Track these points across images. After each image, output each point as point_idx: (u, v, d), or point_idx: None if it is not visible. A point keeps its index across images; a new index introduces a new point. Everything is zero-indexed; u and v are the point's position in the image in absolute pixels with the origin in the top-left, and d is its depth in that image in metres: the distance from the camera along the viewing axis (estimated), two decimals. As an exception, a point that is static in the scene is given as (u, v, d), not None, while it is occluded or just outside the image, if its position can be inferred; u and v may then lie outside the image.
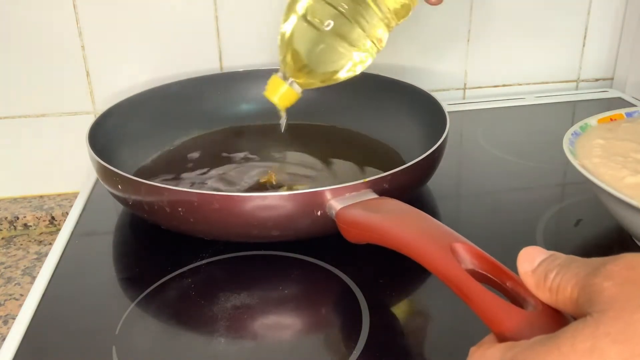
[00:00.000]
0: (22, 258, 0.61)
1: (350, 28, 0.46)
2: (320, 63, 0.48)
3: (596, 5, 0.77)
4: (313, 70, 0.48)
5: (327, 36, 0.47)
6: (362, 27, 0.47)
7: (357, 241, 0.41)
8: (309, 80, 0.49)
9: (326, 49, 0.47)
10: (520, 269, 0.28)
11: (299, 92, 0.50)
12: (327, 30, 0.46)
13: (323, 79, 0.49)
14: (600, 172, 0.44)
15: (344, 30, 0.46)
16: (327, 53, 0.47)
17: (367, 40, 0.47)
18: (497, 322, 0.27)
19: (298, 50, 0.48)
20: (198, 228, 0.45)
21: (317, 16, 0.46)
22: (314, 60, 0.48)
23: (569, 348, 0.23)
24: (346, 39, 0.47)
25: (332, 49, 0.47)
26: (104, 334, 0.40)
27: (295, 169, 0.58)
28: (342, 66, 0.48)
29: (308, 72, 0.48)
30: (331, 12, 0.46)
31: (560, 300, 0.26)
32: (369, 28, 0.47)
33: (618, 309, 0.23)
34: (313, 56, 0.48)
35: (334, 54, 0.47)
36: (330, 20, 0.46)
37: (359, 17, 0.46)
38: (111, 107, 0.59)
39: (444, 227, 0.36)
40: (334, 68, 0.48)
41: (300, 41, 0.47)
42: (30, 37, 0.65)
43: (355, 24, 0.46)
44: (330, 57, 0.48)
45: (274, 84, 0.50)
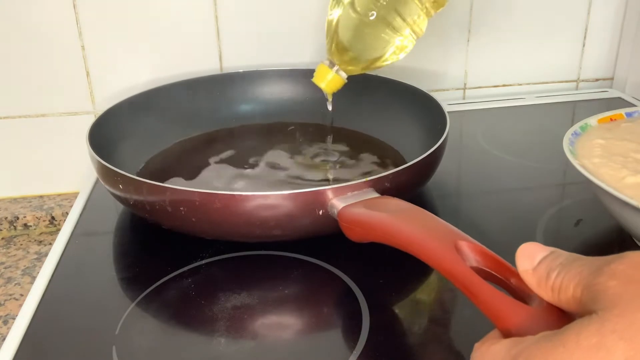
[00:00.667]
0: (22, 258, 0.61)
1: (392, 17, 0.50)
2: (364, 50, 0.51)
3: (596, 5, 0.77)
4: (357, 57, 0.52)
5: (370, 25, 0.50)
6: (402, 16, 0.50)
7: (359, 240, 0.41)
8: (353, 67, 0.53)
9: (369, 37, 0.51)
10: (520, 266, 0.28)
11: (345, 78, 0.54)
12: (371, 19, 0.50)
13: (365, 65, 0.53)
14: (600, 172, 0.44)
15: (386, 19, 0.50)
16: (370, 41, 0.51)
17: (407, 29, 0.50)
18: (502, 318, 0.28)
19: (343, 38, 0.51)
20: (200, 227, 0.45)
21: (361, 6, 0.50)
22: (357, 48, 0.51)
23: (574, 344, 0.23)
24: (388, 28, 0.50)
25: (375, 37, 0.51)
26: (104, 334, 0.40)
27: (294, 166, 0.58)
28: (384, 53, 0.52)
29: (352, 58, 0.52)
30: (374, 2, 0.49)
31: (563, 300, 0.26)
32: (409, 17, 0.50)
33: (623, 307, 0.23)
34: (357, 44, 0.51)
35: (377, 42, 0.51)
36: (373, 11, 0.49)
37: (400, 6, 0.50)
38: (111, 107, 0.59)
39: (447, 225, 0.36)
40: (376, 55, 0.52)
41: (345, 29, 0.51)
42: (30, 37, 0.65)
43: (396, 13, 0.50)
44: (373, 45, 0.51)
45: (321, 71, 0.54)
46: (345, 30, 0.51)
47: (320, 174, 0.57)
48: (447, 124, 0.53)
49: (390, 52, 0.51)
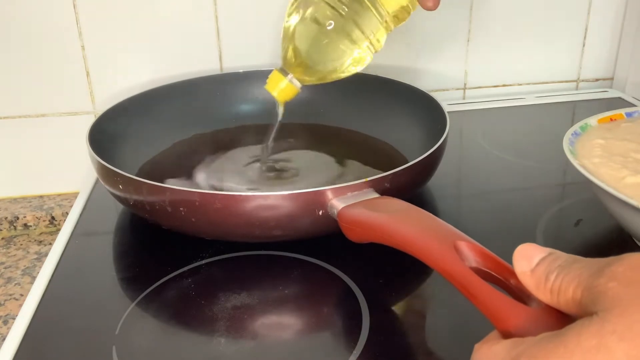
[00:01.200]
0: (22, 258, 0.61)
1: (350, 29, 0.48)
2: (319, 61, 0.50)
3: (596, 5, 0.77)
4: (312, 67, 0.50)
5: (328, 35, 0.48)
6: (361, 29, 0.48)
7: (359, 240, 0.41)
8: (307, 77, 0.51)
9: (326, 47, 0.49)
10: (517, 267, 0.28)
11: (298, 88, 0.52)
12: (328, 29, 0.48)
13: (321, 76, 0.51)
14: (600, 172, 0.44)
15: (343, 31, 0.48)
16: (327, 52, 0.49)
17: (366, 42, 0.49)
18: (502, 319, 0.27)
19: (299, 46, 0.49)
20: (199, 228, 0.45)
21: (319, 15, 0.48)
22: (313, 58, 0.49)
23: (574, 345, 0.23)
24: (345, 40, 0.48)
25: (332, 48, 0.49)
26: (104, 334, 0.40)
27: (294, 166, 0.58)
28: (340, 65, 0.50)
29: (307, 68, 0.50)
30: (333, 12, 0.48)
31: (562, 302, 0.26)
32: (367, 30, 0.49)
33: (624, 307, 0.23)
34: (313, 54, 0.49)
35: (333, 53, 0.49)
36: (331, 21, 0.48)
37: (359, 19, 0.48)
38: (111, 107, 0.59)
39: (447, 225, 0.36)
40: (332, 67, 0.50)
41: (301, 38, 0.49)
42: (30, 37, 0.65)
43: (354, 25, 0.48)
44: (329, 56, 0.49)
45: (274, 79, 0.52)
46: (302, 39, 0.49)
47: (320, 174, 0.57)
48: (447, 124, 0.53)
49: (347, 65, 0.50)
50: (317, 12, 0.48)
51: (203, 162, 0.60)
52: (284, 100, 0.53)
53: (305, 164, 0.59)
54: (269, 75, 0.52)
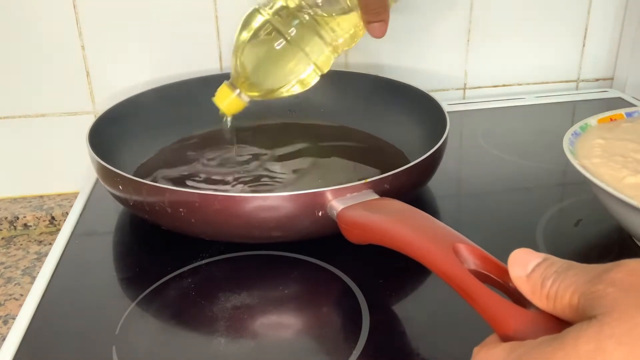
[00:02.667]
0: (22, 258, 0.61)
1: (295, 52, 0.49)
2: (264, 79, 0.51)
3: (596, 5, 0.77)
4: (257, 84, 0.51)
5: (274, 55, 0.50)
6: (306, 52, 0.50)
7: (358, 242, 0.41)
8: (252, 92, 0.52)
9: (271, 67, 0.51)
10: (513, 273, 0.28)
11: (245, 102, 0.53)
12: (276, 50, 0.49)
13: (265, 93, 0.52)
14: (600, 172, 0.44)
15: (289, 52, 0.49)
16: (272, 71, 0.51)
17: (311, 65, 0.50)
18: (501, 323, 0.27)
19: (246, 63, 0.51)
20: (199, 229, 0.45)
21: (266, 36, 0.49)
22: (259, 75, 0.51)
23: (573, 348, 0.23)
24: (290, 61, 0.50)
25: (277, 69, 0.51)
26: (104, 334, 0.40)
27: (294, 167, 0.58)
28: (284, 85, 0.51)
29: (253, 85, 0.51)
30: (280, 35, 0.49)
31: (559, 307, 0.26)
32: (314, 54, 0.50)
33: (622, 312, 0.23)
34: (259, 71, 0.51)
35: (278, 73, 0.51)
36: (278, 41, 0.49)
37: (305, 44, 0.50)
38: (111, 107, 0.59)
39: (446, 227, 0.36)
40: (276, 85, 0.51)
41: (250, 56, 0.50)
42: (30, 37, 0.65)
43: (301, 49, 0.49)
44: (274, 76, 0.51)
45: (222, 92, 0.53)
46: (250, 57, 0.50)
47: (320, 174, 0.57)
48: (447, 124, 0.53)
49: (291, 85, 0.51)
50: (266, 33, 0.49)
51: (203, 161, 0.60)
52: (231, 113, 0.54)
53: (304, 164, 0.59)
54: (218, 88, 0.53)
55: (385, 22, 0.50)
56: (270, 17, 0.49)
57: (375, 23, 0.50)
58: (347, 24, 0.50)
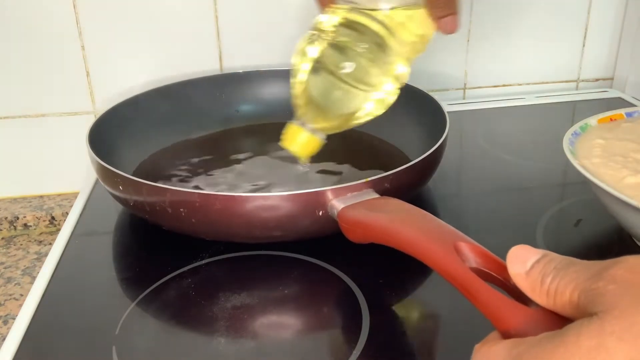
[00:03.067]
0: (22, 258, 0.61)
1: (367, 70, 0.43)
2: (339, 108, 0.45)
3: (596, 5, 0.77)
4: (331, 115, 0.45)
5: (344, 80, 0.44)
6: (379, 67, 0.44)
7: (359, 241, 0.41)
8: (327, 125, 0.46)
9: (344, 93, 0.44)
10: (511, 270, 0.28)
11: (322, 139, 0.46)
12: (344, 73, 0.43)
13: (341, 123, 0.46)
14: (600, 172, 0.44)
15: (361, 72, 0.43)
16: (345, 97, 0.44)
17: (387, 79, 0.44)
18: (503, 320, 0.27)
19: (314, 96, 0.45)
20: (200, 228, 0.45)
21: (331, 60, 0.43)
22: (331, 106, 0.44)
23: (574, 345, 0.23)
24: (364, 81, 0.44)
25: (350, 93, 0.44)
26: (104, 334, 0.40)
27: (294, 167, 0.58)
28: (362, 109, 0.45)
29: (326, 117, 0.45)
30: (346, 55, 0.43)
31: (559, 304, 0.26)
32: (387, 67, 0.44)
33: (623, 309, 0.23)
34: (330, 101, 0.44)
35: (353, 98, 0.44)
36: (346, 64, 0.43)
37: (376, 57, 0.44)
38: (111, 108, 0.59)
39: (447, 226, 0.36)
40: (352, 111, 0.45)
41: (316, 87, 0.44)
42: (30, 37, 0.65)
43: (373, 64, 0.43)
44: (349, 101, 0.44)
45: (291, 133, 0.46)
46: (316, 88, 0.44)
47: (319, 173, 0.57)
48: (447, 124, 0.53)
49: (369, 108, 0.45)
50: (329, 57, 0.43)
51: (203, 162, 0.60)
52: (306, 155, 0.47)
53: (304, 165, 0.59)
54: (284, 130, 0.47)
55: (455, 14, 0.44)
56: (331, 37, 0.44)
57: (446, 17, 0.44)
58: (414, 24, 0.44)
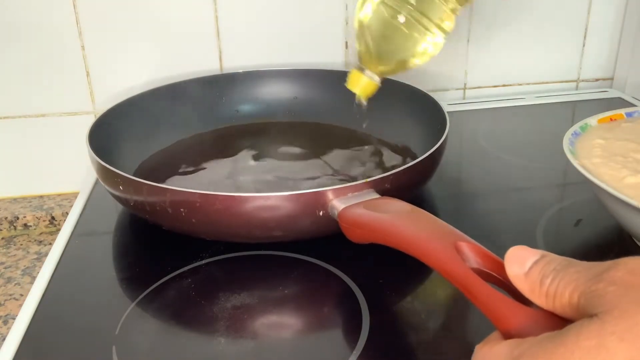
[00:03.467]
0: (22, 258, 0.61)
1: (419, 17, 0.49)
2: (393, 51, 0.51)
3: (596, 5, 0.77)
4: (387, 59, 0.51)
5: (397, 28, 0.49)
6: (429, 16, 0.49)
7: (360, 241, 0.41)
8: (384, 68, 0.52)
9: (397, 40, 0.50)
10: (510, 271, 0.28)
11: (378, 82, 0.53)
12: (397, 23, 0.49)
13: (396, 66, 0.52)
14: (600, 172, 0.44)
15: (413, 19, 0.49)
16: (400, 41, 0.50)
17: (435, 28, 0.50)
18: (504, 320, 0.28)
19: (371, 41, 0.51)
20: (200, 229, 0.45)
21: (388, 7, 0.49)
22: (387, 49, 0.51)
23: (574, 345, 0.23)
24: (416, 28, 0.49)
25: (404, 38, 0.50)
26: (104, 334, 0.40)
27: (294, 167, 0.58)
28: (415, 53, 0.51)
29: (383, 60, 0.51)
30: (400, 6, 0.49)
31: (558, 305, 0.26)
32: (436, 16, 0.50)
33: (623, 309, 0.23)
34: (387, 46, 0.51)
35: (406, 42, 0.50)
36: (401, 11, 0.49)
37: (426, 8, 0.49)
38: (111, 108, 0.59)
39: (447, 226, 0.36)
40: (407, 55, 0.51)
41: (373, 33, 0.50)
42: (30, 37, 0.65)
43: (422, 15, 0.49)
44: (403, 45, 0.50)
45: (354, 77, 0.53)
46: (375, 34, 0.50)
47: (320, 173, 0.57)
48: (447, 124, 0.53)
49: (421, 51, 0.51)
50: (386, 5, 0.49)
51: (203, 162, 0.60)
52: (366, 96, 0.54)
53: (304, 164, 0.59)
54: (348, 75, 0.53)
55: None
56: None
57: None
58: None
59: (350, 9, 0.71)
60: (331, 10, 0.71)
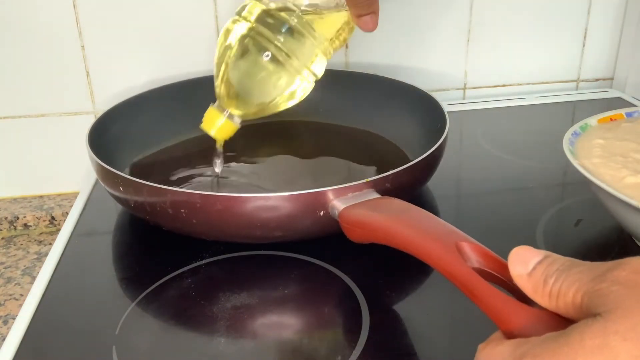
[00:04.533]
0: (22, 258, 0.61)
1: (285, 59, 0.46)
2: (256, 94, 0.47)
3: (596, 5, 0.77)
4: (249, 101, 0.48)
5: (263, 67, 0.46)
6: (297, 57, 0.46)
7: (360, 241, 0.41)
8: (245, 111, 0.48)
9: (262, 79, 0.47)
10: (513, 271, 0.28)
11: (238, 125, 0.49)
12: (263, 61, 0.46)
13: (259, 109, 0.48)
14: (600, 172, 0.44)
15: (279, 61, 0.46)
16: (263, 84, 0.47)
17: (305, 70, 0.47)
18: (506, 320, 0.28)
19: (233, 81, 0.47)
20: (201, 229, 0.45)
21: (252, 48, 0.46)
22: (249, 91, 0.47)
23: (578, 345, 0.23)
24: (282, 70, 0.46)
25: (268, 80, 0.47)
26: (104, 334, 0.40)
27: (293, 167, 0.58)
28: (278, 96, 0.47)
29: (244, 102, 0.48)
30: (266, 44, 0.46)
31: (561, 306, 0.26)
32: (305, 58, 0.46)
33: (627, 309, 0.23)
34: (248, 87, 0.47)
35: (270, 85, 0.47)
36: (266, 52, 0.45)
37: (295, 48, 0.46)
38: (111, 108, 0.59)
39: (448, 226, 0.36)
40: (269, 98, 0.48)
41: (235, 72, 0.47)
42: (30, 37, 0.65)
43: (291, 55, 0.46)
44: (266, 88, 0.47)
45: (210, 117, 0.49)
46: (237, 72, 0.47)
47: (319, 173, 0.57)
48: (447, 124, 0.53)
49: (286, 95, 0.47)
50: (250, 43, 0.46)
51: (203, 162, 0.60)
52: (223, 138, 0.50)
53: (304, 164, 0.59)
54: (205, 114, 0.49)
55: (375, 13, 0.46)
56: (253, 26, 0.46)
57: (366, 16, 0.46)
58: (335, 20, 0.47)
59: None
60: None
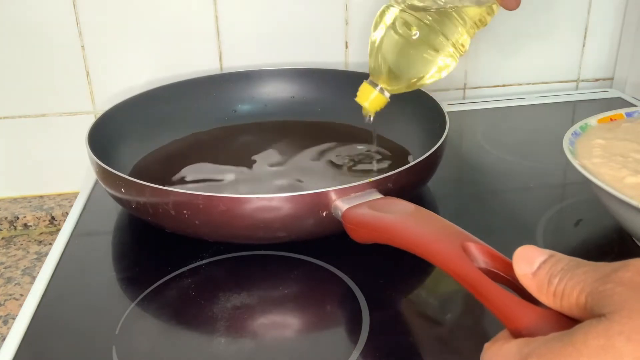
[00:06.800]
0: (22, 258, 0.61)
1: (434, 37, 0.49)
2: (407, 70, 0.50)
3: (596, 5, 0.77)
4: (400, 77, 0.51)
5: (413, 45, 0.49)
6: (445, 35, 0.49)
7: (364, 241, 0.41)
8: (396, 86, 0.52)
9: (412, 56, 0.50)
10: (518, 270, 0.28)
11: (388, 98, 0.53)
12: (414, 39, 0.49)
13: (409, 84, 0.51)
14: (601, 172, 0.44)
15: (429, 39, 0.49)
16: (414, 61, 0.50)
17: (451, 47, 0.50)
18: (513, 319, 0.28)
19: (386, 58, 0.50)
20: (203, 230, 0.45)
21: (404, 26, 0.49)
22: (401, 68, 0.50)
23: (582, 345, 0.23)
24: (431, 47, 0.49)
25: (418, 57, 0.49)
26: (104, 334, 0.40)
27: (294, 167, 0.58)
28: (427, 72, 0.50)
29: (394, 78, 0.51)
30: (417, 22, 0.48)
31: (566, 305, 0.26)
32: (452, 36, 0.49)
33: (631, 310, 0.23)
34: (400, 64, 0.50)
35: (420, 61, 0.50)
36: (416, 31, 0.48)
37: (443, 26, 0.49)
38: (111, 108, 0.59)
39: (454, 226, 0.36)
40: (419, 74, 0.50)
41: (388, 50, 0.50)
42: (30, 37, 0.65)
43: (439, 33, 0.49)
44: (416, 65, 0.50)
45: (364, 91, 0.53)
46: (388, 51, 0.50)
47: (320, 173, 0.57)
48: (447, 124, 0.53)
49: (433, 71, 0.50)
50: (401, 23, 0.49)
51: (203, 162, 0.60)
52: (374, 110, 0.54)
53: (305, 164, 0.59)
54: (359, 88, 0.53)
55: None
56: (403, 7, 0.49)
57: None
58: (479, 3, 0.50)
59: (350, 9, 0.71)
60: (331, 10, 0.71)
